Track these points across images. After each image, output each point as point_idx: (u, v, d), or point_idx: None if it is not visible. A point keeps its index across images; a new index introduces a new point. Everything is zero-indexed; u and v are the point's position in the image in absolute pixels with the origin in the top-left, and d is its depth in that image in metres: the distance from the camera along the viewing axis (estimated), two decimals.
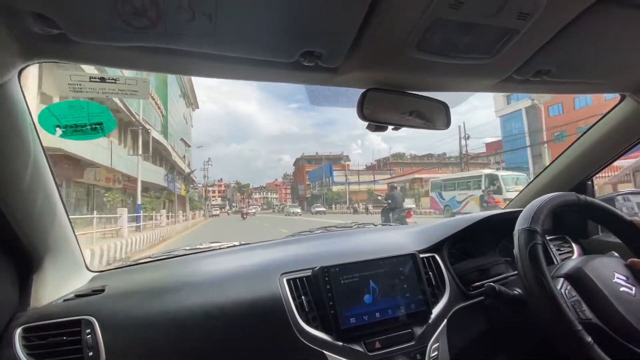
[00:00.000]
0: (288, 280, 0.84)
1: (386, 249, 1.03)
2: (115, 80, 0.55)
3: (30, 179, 0.63)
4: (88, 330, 0.72)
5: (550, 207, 0.77)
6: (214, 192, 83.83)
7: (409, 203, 20.87)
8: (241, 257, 1.05)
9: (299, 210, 36.26)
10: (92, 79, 0.53)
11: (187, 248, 1.23)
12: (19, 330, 0.71)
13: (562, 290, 0.72)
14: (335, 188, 44.69)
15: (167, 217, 18.79)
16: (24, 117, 0.56)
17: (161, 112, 24.72)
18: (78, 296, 0.81)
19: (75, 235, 0.85)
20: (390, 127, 0.80)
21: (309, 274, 0.86)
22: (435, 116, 0.82)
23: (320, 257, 0.92)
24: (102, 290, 0.82)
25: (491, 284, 0.82)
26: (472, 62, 0.64)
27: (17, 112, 0.55)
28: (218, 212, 45.59)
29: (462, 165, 22.83)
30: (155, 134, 19.36)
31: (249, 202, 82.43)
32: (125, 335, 0.73)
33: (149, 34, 0.45)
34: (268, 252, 1.07)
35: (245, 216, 25.85)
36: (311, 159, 62.10)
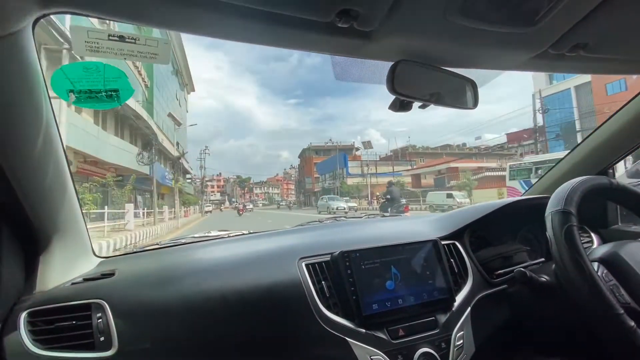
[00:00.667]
0: (307, 265, 0.81)
1: (404, 236, 1.00)
2: (135, 40, 0.50)
3: (42, 146, 0.58)
4: (99, 315, 0.68)
5: (583, 190, 0.74)
6: (212, 187, 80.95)
7: (459, 196, 19.25)
8: (254, 243, 1.01)
9: (345, 205, 21.93)
10: (110, 37, 0.49)
11: (196, 236, 1.19)
12: (24, 314, 0.67)
13: (599, 275, 0.69)
14: (349, 181, 37.53)
15: (149, 214, 14.61)
16: (36, 75, 0.52)
17: (144, 82, 19.02)
18: (87, 280, 0.77)
19: (83, 217, 0.81)
20: (417, 105, 0.77)
21: (328, 259, 0.83)
22: (463, 94, 0.78)
23: (337, 244, 0.88)
24: (112, 274, 0.78)
25: (521, 269, 0.79)
26: (512, 30, 0.60)
27: (28, 68, 0.51)
28: (211, 208, 42.42)
29: (536, 149, 18.70)
30: (133, 104, 14.12)
31: (250, 197, 78.30)
32: (137, 320, 0.70)
33: None
34: (282, 239, 1.03)
35: (241, 212, 25.03)
36: (319, 149, 52.74)
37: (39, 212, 0.65)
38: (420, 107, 0.78)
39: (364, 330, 0.74)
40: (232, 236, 1.18)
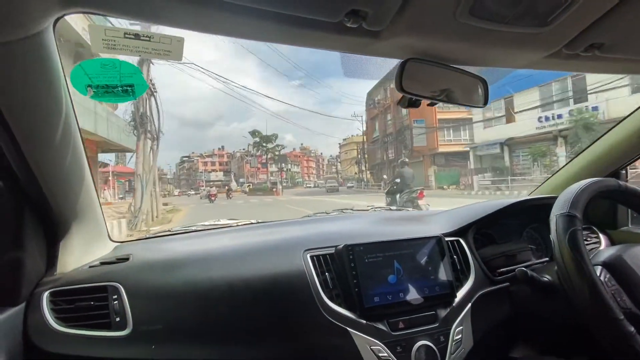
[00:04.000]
0: (312, 257, 0.83)
1: (409, 231, 1.01)
2: (150, 37, 0.52)
3: (61, 137, 0.61)
4: (115, 297, 0.72)
5: (590, 192, 0.73)
6: (213, 164, 64.26)
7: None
8: (262, 233, 1.04)
9: None
10: (126, 35, 0.50)
11: (206, 224, 1.23)
12: (46, 294, 0.72)
13: (601, 279, 0.70)
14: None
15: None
16: (57, 70, 0.55)
17: None
18: (103, 263, 0.82)
19: (100, 203, 0.85)
20: (425, 103, 0.77)
21: (332, 251, 0.85)
22: (472, 92, 0.78)
23: (342, 237, 0.90)
24: (127, 259, 0.83)
25: (523, 268, 0.80)
26: (524, 31, 0.59)
27: (50, 64, 0.53)
28: (215, 191, 25.39)
29: None
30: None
31: (279, 175, 44.03)
32: (150, 303, 0.74)
33: None
34: (288, 230, 1.06)
35: (213, 198, 17.77)
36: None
37: (59, 199, 0.69)
38: (429, 104, 0.78)
39: (364, 322, 0.77)
40: (241, 225, 1.22)
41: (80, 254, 0.82)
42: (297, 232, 1.01)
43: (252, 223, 1.26)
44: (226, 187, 28.46)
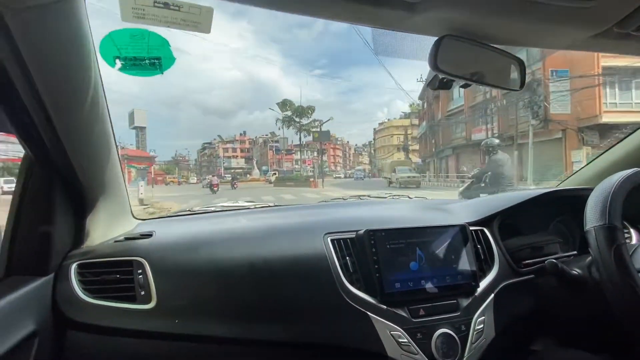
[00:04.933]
0: (332, 240, 0.83)
1: (432, 218, 0.99)
2: (179, 7, 0.50)
3: (90, 109, 0.61)
4: (140, 271, 0.74)
5: (626, 189, 0.68)
6: (234, 150, 59.43)
7: None
8: (281, 216, 1.04)
9: None
10: (156, 4, 0.49)
11: (225, 204, 1.24)
12: (74, 266, 0.74)
13: None
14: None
15: None
16: (87, 39, 0.54)
17: None
18: (127, 239, 0.83)
19: (124, 181, 0.86)
20: (459, 84, 0.73)
21: (353, 236, 0.84)
22: (508, 74, 0.74)
23: (362, 222, 0.89)
24: (150, 235, 0.84)
25: (553, 260, 0.77)
26: (572, 4, 0.55)
27: (81, 32, 0.52)
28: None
29: None
30: None
31: (307, 163, 41.05)
32: (174, 278, 0.75)
33: None
34: (307, 214, 1.05)
35: (215, 188, 16.01)
36: None
37: (88, 173, 0.70)
38: (461, 86, 0.74)
39: (385, 307, 0.76)
40: (258, 207, 1.22)
41: (105, 229, 0.84)
42: (317, 216, 1.01)
43: (268, 206, 1.26)
44: (231, 178, 24.04)
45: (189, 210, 1.19)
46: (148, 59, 0.57)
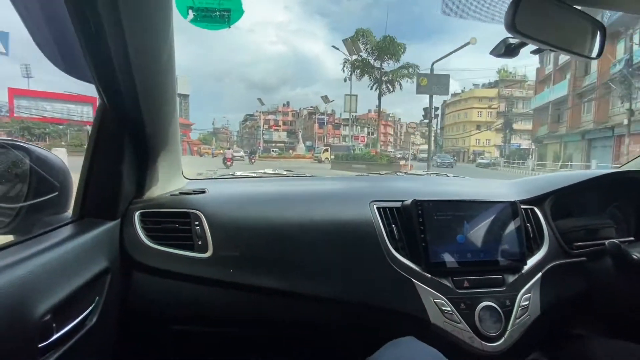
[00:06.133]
0: (378, 208, 0.83)
1: (482, 193, 0.97)
2: None
3: (165, 64, 0.63)
4: (197, 222, 0.78)
5: None
6: (276, 122, 57.24)
7: None
8: (325, 183, 1.05)
9: None
10: None
11: (267, 171, 1.27)
12: (137, 213, 0.79)
13: None
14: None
15: None
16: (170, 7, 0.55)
17: None
18: (182, 193, 0.87)
19: (179, 138, 0.90)
20: (529, 50, 0.69)
21: (399, 205, 0.84)
22: (588, 40, 0.68)
23: (407, 193, 0.88)
24: (204, 192, 0.88)
25: (615, 241, 0.73)
26: None
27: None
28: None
29: None
30: None
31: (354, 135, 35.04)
32: (228, 232, 0.78)
33: None
34: (353, 183, 1.06)
35: (229, 162, 15.35)
36: None
37: (153, 126, 0.73)
38: (532, 52, 0.69)
39: (429, 275, 0.77)
40: (295, 176, 1.24)
41: (162, 184, 0.89)
42: (363, 185, 1.01)
43: (305, 176, 1.28)
44: (249, 152, 23.66)
45: (232, 174, 1.24)
46: (218, 11, 0.57)
